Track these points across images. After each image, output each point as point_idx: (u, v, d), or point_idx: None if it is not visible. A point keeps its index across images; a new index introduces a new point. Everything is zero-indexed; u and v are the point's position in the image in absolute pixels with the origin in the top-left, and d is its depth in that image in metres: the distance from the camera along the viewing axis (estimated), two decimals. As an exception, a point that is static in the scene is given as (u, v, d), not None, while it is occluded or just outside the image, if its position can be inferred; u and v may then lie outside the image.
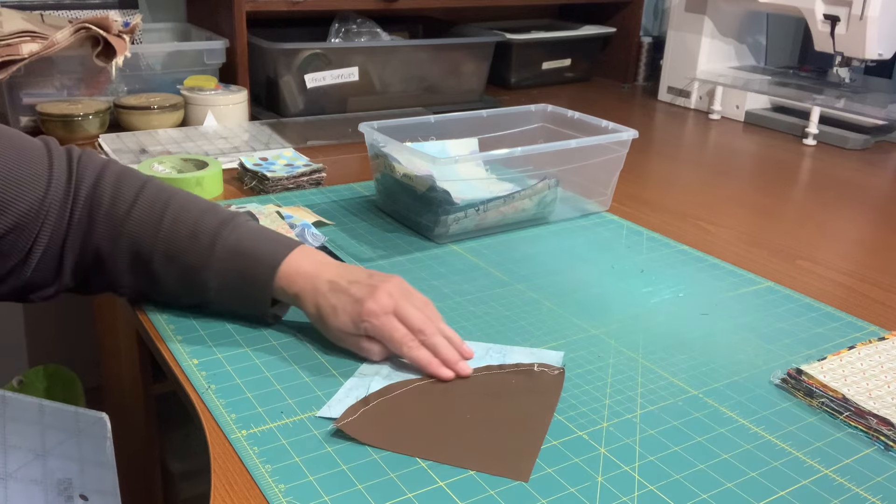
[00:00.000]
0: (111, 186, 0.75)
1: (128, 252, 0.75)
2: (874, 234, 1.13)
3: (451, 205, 0.98)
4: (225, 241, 0.75)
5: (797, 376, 0.72)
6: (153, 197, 0.76)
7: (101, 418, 0.66)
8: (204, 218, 0.76)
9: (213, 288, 0.75)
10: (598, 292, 0.90)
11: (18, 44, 1.23)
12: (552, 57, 1.92)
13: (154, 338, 0.77)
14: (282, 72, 1.47)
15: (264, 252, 0.75)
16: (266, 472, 0.59)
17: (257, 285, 0.75)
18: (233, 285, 0.75)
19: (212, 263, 0.74)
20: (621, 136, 1.09)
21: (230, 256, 0.75)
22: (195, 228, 0.75)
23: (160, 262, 0.75)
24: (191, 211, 0.76)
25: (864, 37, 1.46)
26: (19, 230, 0.71)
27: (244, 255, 0.75)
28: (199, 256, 0.75)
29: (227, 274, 0.75)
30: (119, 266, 0.76)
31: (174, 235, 0.75)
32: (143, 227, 0.75)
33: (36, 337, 1.74)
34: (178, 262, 0.75)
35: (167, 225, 0.75)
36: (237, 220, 0.77)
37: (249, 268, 0.74)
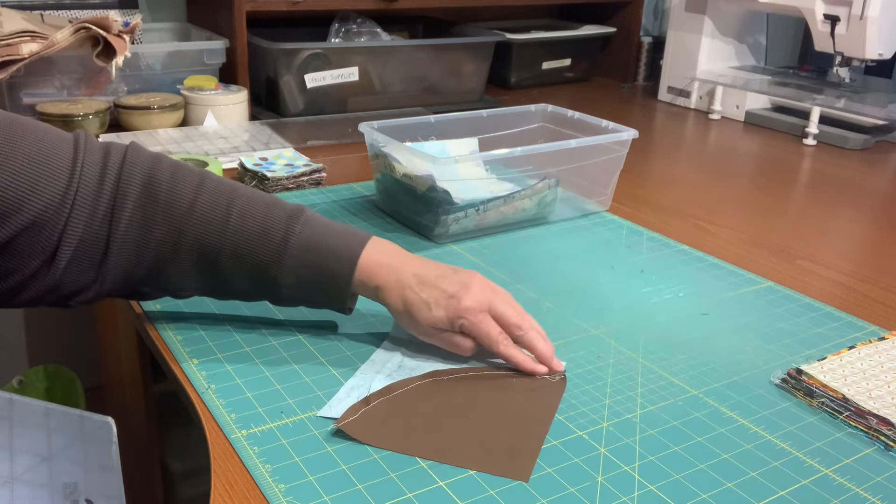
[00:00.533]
0: (167, 182, 0.71)
1: (192, 252, 0.71)
2: (874, 234, 1.13)
3: (451, 205, 0.98)
4: (298, 237, 0.71)
5: (797, 376, 0.72)
6: (214, 192, 0.72)
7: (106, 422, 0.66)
8: (272, 212, 0.72)
9: (285, 285, 0.72)
10: (598, 292, 0.90)
11: (18, 44, 1.23)
12: (552, 57, 1.92)
13: (154, 338, 0.77)
14: (282, 72, 1.47)
15: (340, 245, 0.73)
16: (266, 472, 0.59)
17: (336, 281, 0.72)
18: (309, 282, 0.72)
19: (285, 260, 0.71)
20: (621, 136, 1.09)
21: (305, 252, 0.71)
22: (265, 224, 0.71)
23: (229, 261, 0.71)
24: (257, 205, 0.72)
25: (864, 37, 1.46)
26: (39, 227, 0.67)
27: (320, 251, 0.72)
28: (272, 253, 0.71)
29: (303, 270, 0.72)
30: (182, 268, 0.72)
31: (243, 232, 0.71)
32: (208, 224, 0.71)
33: (36, 337, 1.74)
34: (248, 260, 0.71)
35: (234, 221, 0.71)
36: (305, 213, 0.74)
37: (326, 263, 0.72)
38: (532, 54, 1.88)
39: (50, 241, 0.68)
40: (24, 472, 0.62)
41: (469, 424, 0.65)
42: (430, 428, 0.64)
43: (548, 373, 0.73)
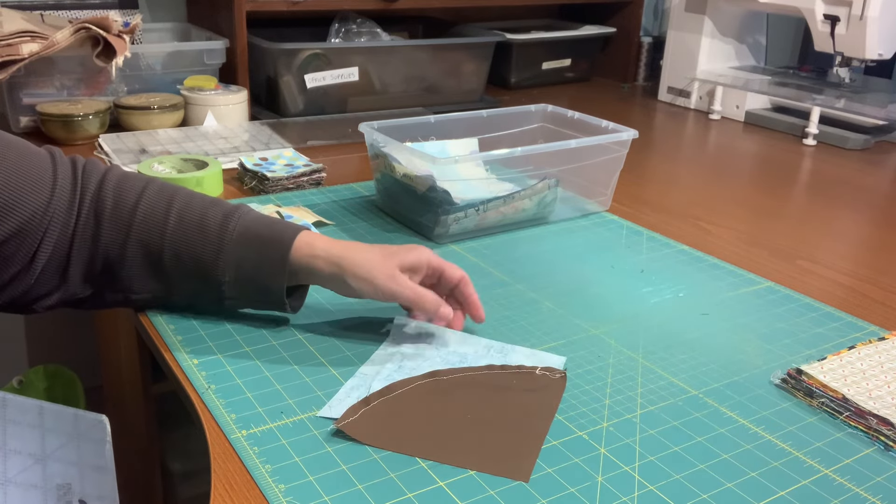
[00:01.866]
0: (113, 189, 0.75)
1: (137, 254, 0.74)
2: (874, 234, 1.13)
3: (451, 205, 0.98)
4: (233, 230, 0.74)
5: (797, 376, 0.72)
6: (156, 196, 0.76)
7: (100, 421, 0.66)
8: (209, 211, 0.76)
9: (227, 280, 0.74)
10: (598, 292, 0.90)
11: (18, 44, 1.23)
12: (552, 57, 1.92)
13: (154, 338, 0.77)
14: (282, 72, 1.47)
15: (275, 233, 0.75)
16: (266, 472, 0.59)
17: (273, 263, 0.74)
18: (247, 272, 0.74)
19: (223, 254, 0.74)
20: (621, 136, 1.09)
21: (241, 243, 0.74)
22: (202, 222, 0.75)
23: (171, 261, 0.74)
24: (195, 206, 0.76)
25: (864, 37, 1.46)
26: (22, 236, 0.71)
27: (255, 240, 0.74)
28: (210, 248, 0.74)
29: (241, 261, 0.74)
30: (130, 270, 0.75)
31: (182, 231, 0.74)
32: (149, 226, 0.74)
33: (36, 337, 1.74)
34: (188, 258, 0.74)
35: (173, 222, 0.74)
36: (241, 209, 0.77)
37: (262, 249, 0.74)
38: (532, 54, 1.88)
39: (31, 248, 0.72)
40: (18, 473, 0.62)
41: (469, 424, 0.65)
42: (430, 428, 0.64)
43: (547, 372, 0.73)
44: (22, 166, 0.71)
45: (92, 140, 1.31)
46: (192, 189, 1.07)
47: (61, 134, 1.30)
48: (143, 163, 1.11)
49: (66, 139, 1.30)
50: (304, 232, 0.76)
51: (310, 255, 0.74)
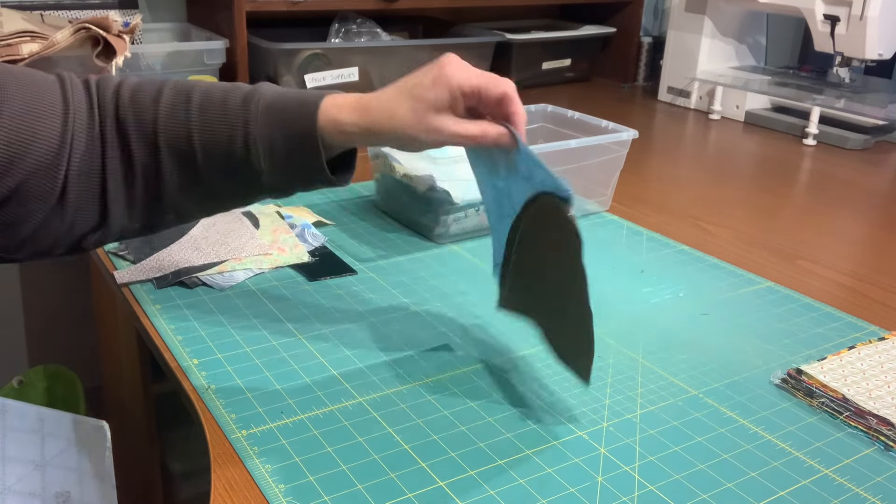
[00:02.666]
0: (129, 99, 0.71)
1: (169, 157, 0.70)
2: (874, 234, 1.13)
3: (451, 205, 0.98)
4: (256, 108, 0.70)
5: (797, 376, 0.72)
6: (174, 95, 0.71)
7: (101, 427, 0.66)
8: (229, 97, 0.71)
9: (265, 169, 0.70)
10: (598, 292, 0.89)
11: (18, 44, 1.23)
12: (552, 57, 1.92)
13: (154, 338, 0.77)
14: (282, 72, 1.47)
15: (300, 99, 0.71)
16: (266, 472, 0.59)
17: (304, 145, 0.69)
18: (282, 156, 0.70)
19: (251, 131, 0.69)
20: (621, 136, 1.09)
21: (266, 118, 0.69)
22: (223, 109, 0.70)
23: (202, 155, 0.70)
24: (214, 95, 0.71)
25: (864, 37, 1.46)
26: (43, 171, 0.66)
27: (280, 110, 0.70)
28: (237, 130, 0.69)
29: (271, 133, 0.69)
30: (167, 177, 0.70)
31: (206, 122, 0.70)
32: (174, 125, 0.70)
33: (36, 337, 1.74)
34: (218, 147, 0.70)
35: (195, 114, 0.70)
36: (261, 88, 0.72)
37: (289, 117, 0.69)
38: (532, 54, 1.88)
39: (56, 182, 0.67)
40: (16, 481, 0.61)
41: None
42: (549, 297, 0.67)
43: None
44: (29, 98, 0.67)
45: (92, 140, 1.31)
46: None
47: (61, 134, 1.30)
48: (143, 163, 1.11)
49: (66, 139, 1.30)
50: (326, 102, 0.70)
51: (339, 132, 0.70)
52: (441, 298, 0.86)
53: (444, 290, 0.88)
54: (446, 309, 0.84)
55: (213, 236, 0.92)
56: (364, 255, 0.96)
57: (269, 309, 0.82)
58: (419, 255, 0.97)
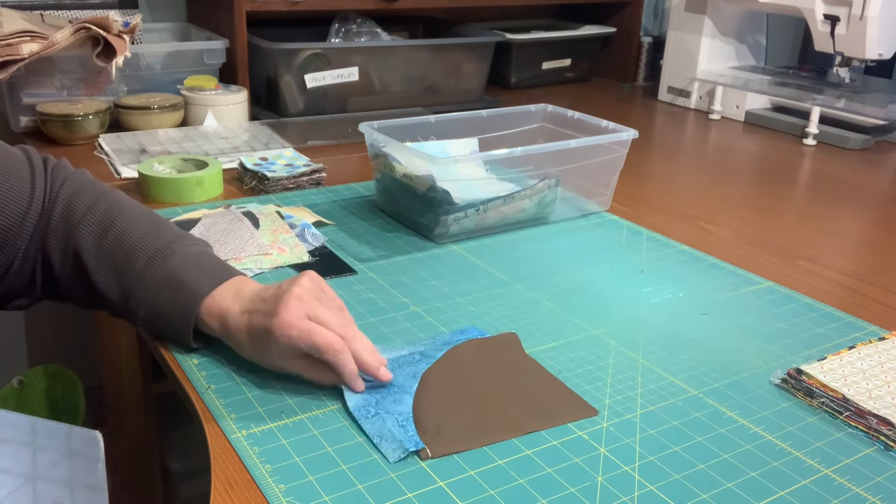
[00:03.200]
0: (66, 197, 0.74)
1: (72, 264, 0.73)
2: (874, 233, 1.13)
3: (451, 205, 0.98)
4: (155, 271, 0.71)
5: (797, 376, 0.72)
6: (105, 212, 0.74)
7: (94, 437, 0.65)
8: (144, 242, 0.73)
9: (141, 316, 0.73)
10: (598, 292, 0.90)
11: (18, 44, 1.23)
12: (552, 57, 1.92)
13: (154, 338, 0.77)
14: (282, 72, 1.47)
15: (191, 283, 0.71)
16: (266, 472, 0.59)
17: (180, 318, 0.71)
18: (158, 316, 0.72)
19: (140, 290, 0.72)
20: (621, 136, 1.09)
21: (157, 286, 0.71)
22: (132, 252, 0.72)
23: (98, 279, 0.73)
24: (134, 232, 0.73)
25: (864, 37, 1.46)
26: (2, 245, 0.71)
27: (170, 287, 0.71)
28: (131, 281, 0.72)
29: (154, 303, 0.72)
30: (66, 278, 0.74)
31: (113, 254, 0.72)
32: (87, 242, 0.73)
33: (36, 337, 1.74)
34: (115, 283, 0.73)
35: (109, 242, 0.73)
36: (175, 245, 0.73)
37: (173, 300, 0.71)
38: (532, 54, 1.88)
39: (10, 255, 0.72)
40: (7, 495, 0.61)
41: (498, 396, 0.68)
42: (482, 414, 0.66)
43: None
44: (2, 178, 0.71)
45: (92, 140, 1.31)
46: (192, 189, 1.07)
47: (61, 134, 1.30)
48: (144, 163, 1.11)
49: (66, 139, 1.30)
50: (222, 288, 0.71)
51: (209, 328, 0.71)
52: (441, 298, 0.86)
53: (444, 290, 0.88)
54: (446, 308, 0.84)
55: (214, 236, 0.92)
56: (364, 255, 0.96)
57: (269, 309, 0.82)
58: (419, 255, 0.97)
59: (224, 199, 1.10)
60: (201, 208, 1.03)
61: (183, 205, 1.06)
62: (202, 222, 0.96)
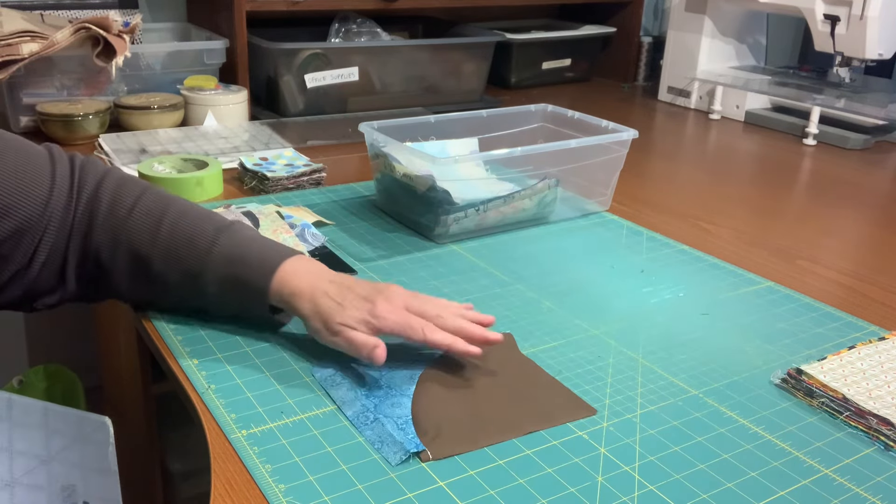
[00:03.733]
0: (110, 192, 0.76)
1: (126, 257, 0.75)
2: (874, 233, 1.13)
3: (451, 205, 0.98)
4: (221, 247, 0.74)
5: (797, 376, 0.72)
6: (151, 203, 0.76)
7: (103, 423, 0.66)
8: (201, 224, 0.76)
9: (211, 293, 0.75)
10: (598, 292, 0.90)
11: (18, 44, 1.23)
12: (552, 57, 1.92)
13: (154, 338, 0.77)
14: (282, 72, 1.47)
15: (260, 257, 0.74)
16: (266, 472, 0.59)
17: (253, 289, 0.74)
18: (230, 290, 0.75)
19: (209, 269, 0.74)
20: (621, 136, 1.09)
21: (226, 262, 0.74)
22: (192, 234, 0.75)
23: (158, 268, 0.75)
24: (188, 217, 0.76)
25: (864, 37, 1.46)
26: (21, 234, 0.71)
27: (240, 260, 0.74)
28: (197, 262, 0.74)
29: (225, 279, 0.74)
30: (119, 271, 0.76)
31: (172, 241, 0.75)
32: (141, 232, 0.75)
33: (36, 337, 1.74)
34: (175, 268, 0.75)
35: (165, 231, 0.75)
36: (234, 226, 0.77)
37: (245, 272, 0.74)
38: (532, 54, 1.88)
39: (29, 248, 0.73)
40: (24, 474, 0.62)
41: (497, 397, 0.68)
42: (480, 415, 0.66)
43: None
44: (20, 166, 0.72)
45: (92, 140, 1.31)
46: (192, 189, 1.07)
47: (61, 134, 1.30)
48: (143, 163, 1.11)
49: (66, 139, 1.30)
50: (291, 259, 0.74)
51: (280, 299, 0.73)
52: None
53: (444, 290, 0.88)
54: (446, 309, 0.84)
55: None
56: (364, 255, 0.96)
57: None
58: (419, 255, 0.97)
59: (224, 199, 1.10)
60: (201, 208, 1.03)
61: (183, 205, 1.06)
62: (202, 222, 0.96)
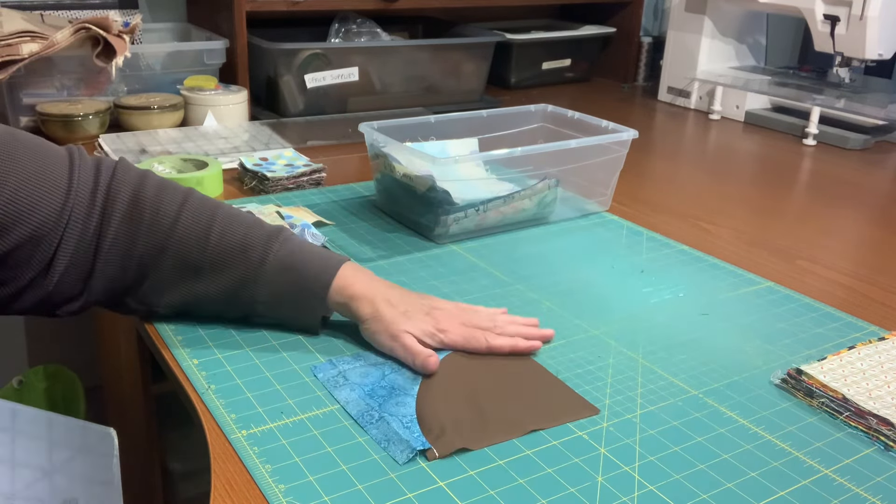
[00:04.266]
0: (152, 199, 0.73)
1: (173, 265, 0.73)
2: (874, 233, 1.13)
3: (451, 205, 0.98)
4: (277, 253, 0.74)
5: (797, 376, 0.72)
6: (198, 209, 0.74)
7: (108, 434, 0.65)
8: (252, 231, 0.75)
9: (262, 301, 0.75)
10: (598, 292, 0.90)
11: (18, 44, 1.23)
12: (552, 57, 1.92)
13: (154, 338, 0.77)
14: (282, 72, 1.47)
15: (317, 263, 0.75)
16: (266, 472, 0.59)
17: (310, 295, 0.74)
18: (285, 296, 0.74)
19: (263, 276, 0.74)
20: (621, 136, 1.09)
21: (283, 268, 0.74)
22: (244, 241, 0.74)
23: (208, 276, 0.74)
24: (238, 224, 0.75)
25: (864, 37, 1.46)
26: (37, 240, 0.69)
27: (297, 266, 0.74)
28: (250, 269, 0.74)
29: (280, 286, 0.74)
30: (162, 282, 0.74)
31: (223, 248, 0.73)
32: (190, 239, 0.73)
33: (36, 337, 1.74)
34: (226, 275, 0.74)
35: (215, 237, 0.73)
36: (285, 233, 0.76)
37: (303, 278, 0.74)
38: (532, 54, 1.88)
39: (46, 253, 0.70)
40: (25, 487, 0.61)
41: (498, 400, 0.68)
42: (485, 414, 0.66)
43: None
44: (37, 170, 0.69)
45: (92, 140, 1.31)
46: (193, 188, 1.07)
47: (61, 134, 1.30)
48: (143, 163, 1.11)
49: (66, 139, 1.30)
50: (347, 265, 0.76)
51: (337, 302, 0.75)
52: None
53: (444, 290, 0.88)
54: (446, 309, 0.84)
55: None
56: (364, 255, 0.96)
57: (269, 309, 0.82)
58: (419, 255, 0.97)
59: (224, 200, 1.10)
60: (201, 208, 1.03)
61: (183, 205, 1.06)
62: (202, 222, 0.96)
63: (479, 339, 0.74)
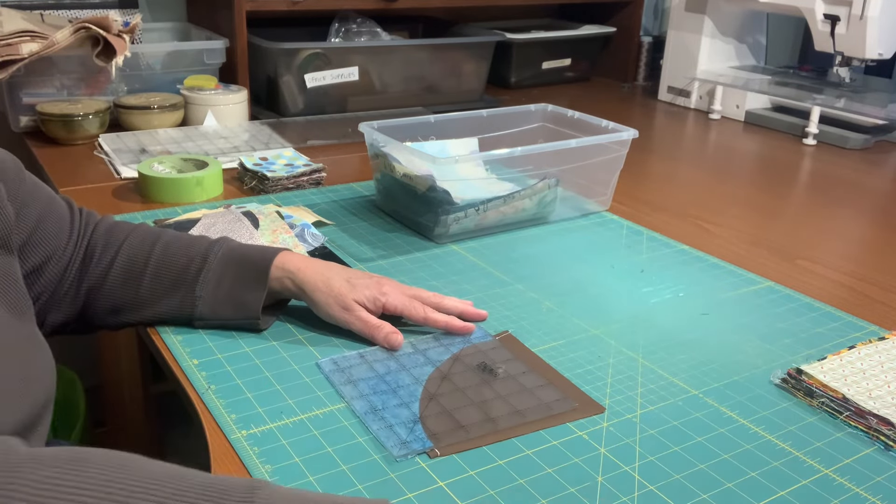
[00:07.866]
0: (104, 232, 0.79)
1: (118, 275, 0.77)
2: (874, 233, 1.13)
3: (451, 205, 0.98)
4: (217, 251, 0.78)
5: (797, 376, 0.72)
6: (143, 233, 0.80)
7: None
8: (195, 240, 0.80)
9: (202, 295, 0.76)
10: (598, 292, 0.90)
11: (18, 44, 1.23)
12: (552, 57, 1.92)
13: (154, 338, 0.77)
14: (282, 72, 1.47)
15: (260, 249, 0.79)
16: (266, 472, 0.59)
17: (254, 263, 0.77)
18: (226, 286, 0.76)
19: (207, 267, 0.77)
20: (621, 136, 1.09)
21: (224, 260, 0.77)
22: (188, 246, 0.78)
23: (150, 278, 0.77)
24: (181, 238, 0.80)
25: (864, 37, 1.46)
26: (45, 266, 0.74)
27: (239, 258, 0.78)
28: (193, 262, 0.77)
29: (221, 277, 0.76)
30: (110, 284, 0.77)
31: (166, 253, 0.78)
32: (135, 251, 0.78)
33: (36, 337, 1.74)
34: (168, 276, 0.77)
35: (158, 249, 0.78)
36: (229, 241, 0.80)
37: (244, 264, 0.77)
38: (532, 54, 1.88)
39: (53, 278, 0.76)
40: None
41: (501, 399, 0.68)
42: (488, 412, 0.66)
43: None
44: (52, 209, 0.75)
45: (92, 140, 1.31)
46: (192, 189, 1.07)
47: (61, 134, 1.30)
48: (143, 163, 1.11)
49: (66, 139, 1.30)
50: (284, 252, 0.79)
51: (281, 276, 0.77)
52: (441, 298, 0.86)
53: (443, 290, 0.88)
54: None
55: (213, 236, 0.92)
56: (364, 255, 0.96)
57: (269, 309, 0.82)
58: (419, 255, 0.97)
59: (224, 199, 1.10)
60: (201, 208, 1.03)
61: (183, 205, 1.06)
62: (202, 222, 0.96)
63: (418, 309, 0.77)
